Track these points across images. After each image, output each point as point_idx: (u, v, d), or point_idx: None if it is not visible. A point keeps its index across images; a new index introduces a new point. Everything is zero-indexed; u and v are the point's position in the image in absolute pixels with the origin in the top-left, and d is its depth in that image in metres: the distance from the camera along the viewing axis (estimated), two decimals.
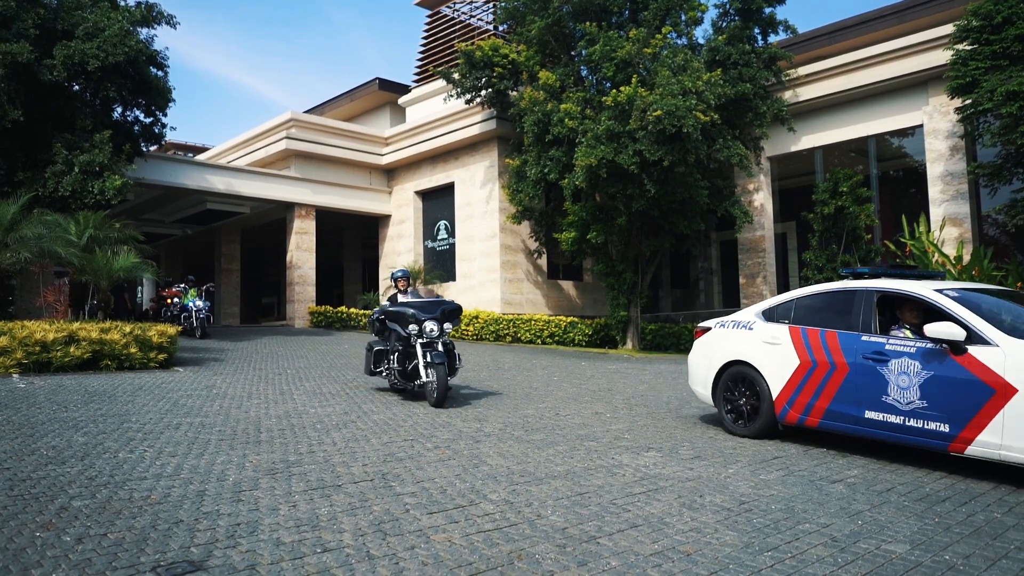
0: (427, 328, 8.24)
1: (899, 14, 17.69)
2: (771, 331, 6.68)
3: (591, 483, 5.00)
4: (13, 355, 9.61)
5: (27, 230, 12.12)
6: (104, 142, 14.54)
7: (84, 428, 6.35)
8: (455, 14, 24.13)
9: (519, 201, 18.06)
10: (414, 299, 9.02)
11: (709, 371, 7.20)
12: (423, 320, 8.29)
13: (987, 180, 13.87)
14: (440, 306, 8.62)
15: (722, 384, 7.03)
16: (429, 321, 8.28)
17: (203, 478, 4.85)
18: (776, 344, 6.54)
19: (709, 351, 7.32)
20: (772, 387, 6.50)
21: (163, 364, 11.11)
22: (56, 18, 14.88)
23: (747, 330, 6.94)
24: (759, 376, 6.64)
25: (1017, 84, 12.03)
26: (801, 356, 6.31)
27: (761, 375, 6.61)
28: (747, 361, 6.78)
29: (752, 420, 6.69)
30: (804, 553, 3.69)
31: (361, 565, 3.41)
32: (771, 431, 6.63)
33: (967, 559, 3.65)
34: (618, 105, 14.75)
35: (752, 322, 6.97)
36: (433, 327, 8.25)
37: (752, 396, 6.70)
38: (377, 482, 4.88)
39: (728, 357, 6.99)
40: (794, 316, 6.62)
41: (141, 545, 3.56)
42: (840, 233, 15.75)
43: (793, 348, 6.39)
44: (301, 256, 22.30)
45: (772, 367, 6.52)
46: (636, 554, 3.65)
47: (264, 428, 6.69)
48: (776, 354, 6.51)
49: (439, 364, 8.00)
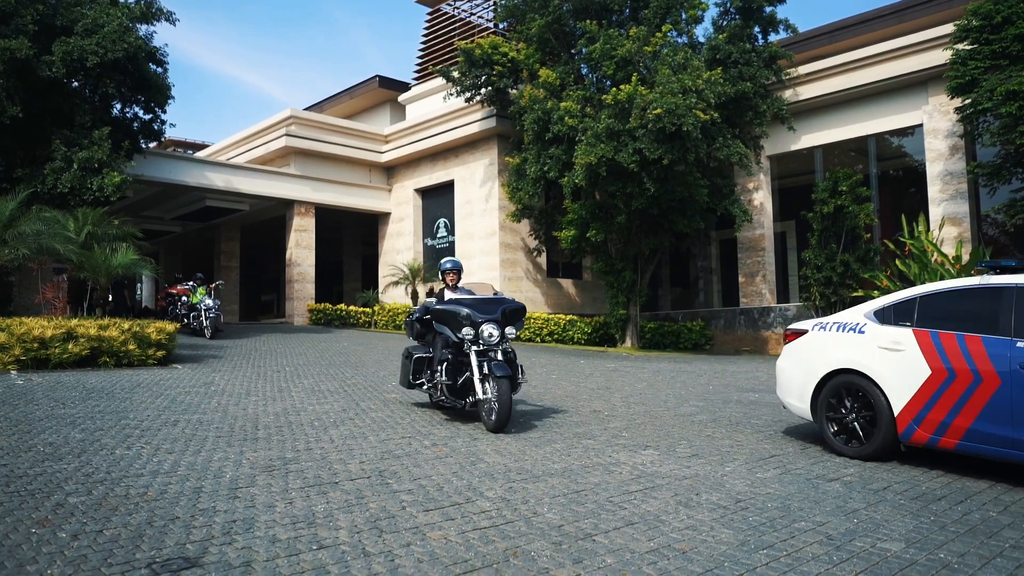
0: (485, 332, 6.79)
1: (899, 13, 17.68)
2: (890, 335, 5.74)
3: (588, 481, 5.00)
4: (11, 352, 9.61)
5: (26, 226, 12.11)
6: (103, 139, 14.54)
7: (81, 425, 6.36)
8: (455, 12, 24.10)
9: (519, 199, 18.05)
10: (466, 296, 7.45)
11: (807, 381, 6.24)
12: (480, 322, 6.82)
13: (986, 180, 13.88)
14: (500, 305, 7.14)
15: (825, 396, 6.07)
16: (487, 324, 6.82)
17: (200, 475, 4.85)
18: (898, 350, 5.62)
19: (806, 358, 6.37)
20: (893, 401, 5.56)
21: (162, 361, 11.11)
22: (55, 14, 14.87)
23: (856, 333, 6.02)
24: (875, 388, 5.70)
25: (1017, 84, 12.02)
26: (933, 365, 5.39)
27: (878, 386, 5.68)
28: (858, 370, 5.84)
29: (865, 439, 5.75)
30: (799, 551, 3.70)
31: (357, 562, 3.41)
32: (889, 452, 5.71)
33: (962, 557, 3.65)
34: (618, 103, 14.75)
35: (862, 324, 6.05)
36: (492, 331, 6.82)
37: (865, 411, 5.78)
38: (374, 479, 4.89)
39: (833, 365, 6.05)
40: (918, 317, 5.71)
41: (137, 542, 3.56)
42: (839, 232, 15.76)
43: (921, 355, 5.47)
44: (300, 254, 22.30)
45: (893, 377, 5.59)
46: (632, 552, 3.65)
47: (262, 425, 6.69)
48: (898, 362, 5.58)
49: (501, 378, 6.48)
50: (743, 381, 10.98)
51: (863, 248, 15.67)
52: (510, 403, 6.51)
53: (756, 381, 11.03)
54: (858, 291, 15.44)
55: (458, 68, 18.56)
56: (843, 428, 5.94)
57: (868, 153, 18.56)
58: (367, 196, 23.75)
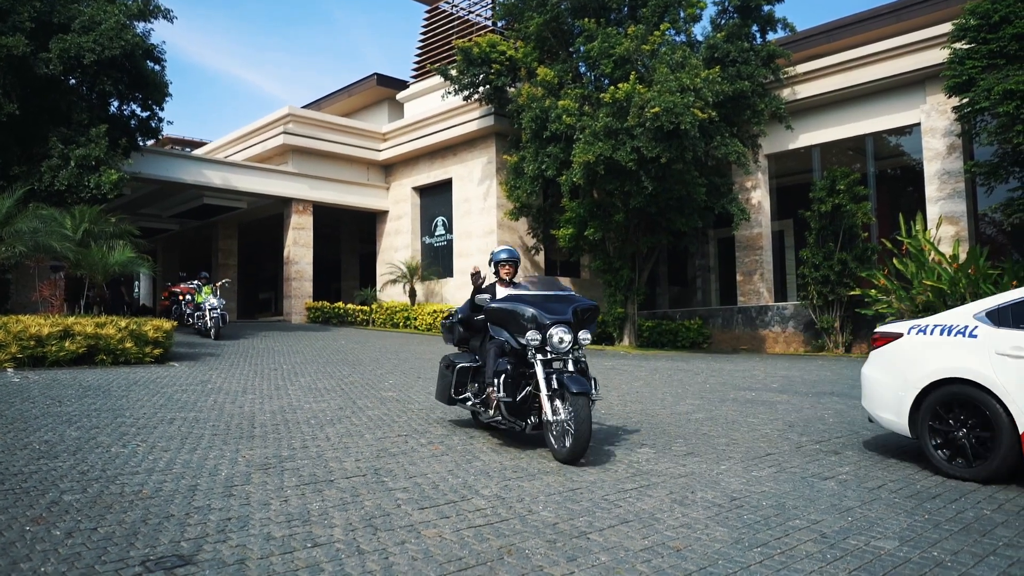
0: (554, 338, 5.57)
1: (897, 13, 17.70)
2: (1012, 339, 5.03)
3: (583, 479, 5.00)
4: (8, 349, 9.61)
5: (22, 224, 12.10)
6: (100, 136, 14.51)
7: (77, 423, 6.35)
8: (454, 10, 24.09)
9: (517, 197, 18.05)
10: (526, 292, 6.19)
11: (904, 392, 5.50)
12: (549, 325, 5.62)
13: (984, 179, 13.89)
14: (570, 304, 5.90)
15: (927, 409, 5.35)
16: (558, 327, 5.60)
17: (195, 473, 4.85)
18: (1022, 357, 4.95)
19: (902, 366, 5.63)
20: (1017, 415, 4.86)
21: (159, 359, 11.11)
22: (52, 11, 14.83)
23: (966, 338, 5.30)
24: (993, 400, 5.00)
25: (1014, 83, 12.03)
26: None
27: (997, 399, 4.98)
28: (972, 380, 5.13)
29: (980, 458, 5.07)
30: (793, 549, 3.70)
31: (351, 560, 3.41)
32: (1010, 473, 5.01)
33: (955, 555, 3.66)
34: (616, 102, 14.74)
35: (972, 327, 5.32)
36: (563, 336, 5.58)
37: (980, 427, 5.09)
38: (369, 477, 4.89)
39: (938, 374, 5.33)
40: None
41: (131, 539, 3.56)
42: (837, 231, 15.78)
43: None
44: (298, 251, 22.28)
45: (1017, 389, 4.89)
46: (626, 549, 3.66)
47: (258, 423, 6.69)
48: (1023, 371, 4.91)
49: (578, 394, 5.23)
50: (740, 380, 10.99)
51: (861, 247, 15.70)
52: (589, 426, 5.27)
53: (753, 380, 11.04)
54: (855, 290, 15.46)
55: (456, 66, 18.56)
56: (952, 446, 5.23)
57: (866, 152, 18.57)
58: (365, 194, 23.73)
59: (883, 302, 14.43)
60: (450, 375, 6.55)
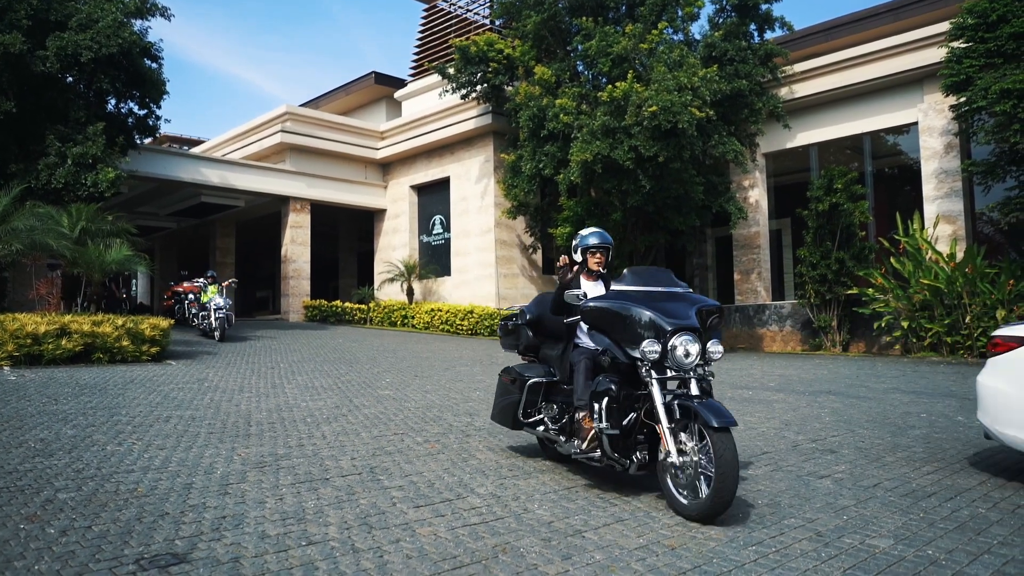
0: (679, 350, 4.24)
1: (894, 11, 17.70)
2: None
3: (579, 477, 5.00)
4: (4, 348, 9.60)
5: (19, 222, 12.08)
6: (97, 134, 14.49)
7: (73, 421, 6.34)
8: (452, 8, 24.07)
9: (514, 196, 18.04)
10: (631, 287, 4.67)
11: None
12: (670, 333, 4.26)
13: (981, 178, 13.90)
14: (693, 304, 4.48)
15: None
16: (683, 335, 4.26)
17: (191, 471, 4.84)
18: None
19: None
20: None
21: (155, 357, 11.10)
22: (49, 9, 14.79)
23: None
24: None
25: (1011, 82, 12.03)
26: None
27: None
28: None
29: None
30: (788, 547, 3.70)
31: (345, 558, 3.41)
32: None
33: (950, 554, 3.66)
34: (614, 100, 14.74)
35: None
36: (690, 348, 4.26)
37: None
38: (365, 475, 4.89)
39: None
40: None
41: (125, 537, 3.56)
42: (835, 230, 15.77)
43: None
44: (296, 250, 22.26)
45: None
46: (621, 548, 3.66)
47: (254, 421, 6.69)
48: None
49: (719, 430, 3.94)
50: (737, 378, 11.00)
51: (858, 246, 15.70)
52: (736, 473, 3.92)
53: (750, 378, 11.05)
54: (853, 289, 15.48)
55: (454, 65, 18.54)
56: None
57: (863, 151, 18.58)
58: (363, 193, 23.71)
59: (880, 301, 14.46)
60: (517, 392, 5.28)
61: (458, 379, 10.23)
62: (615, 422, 4.41)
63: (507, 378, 5.52)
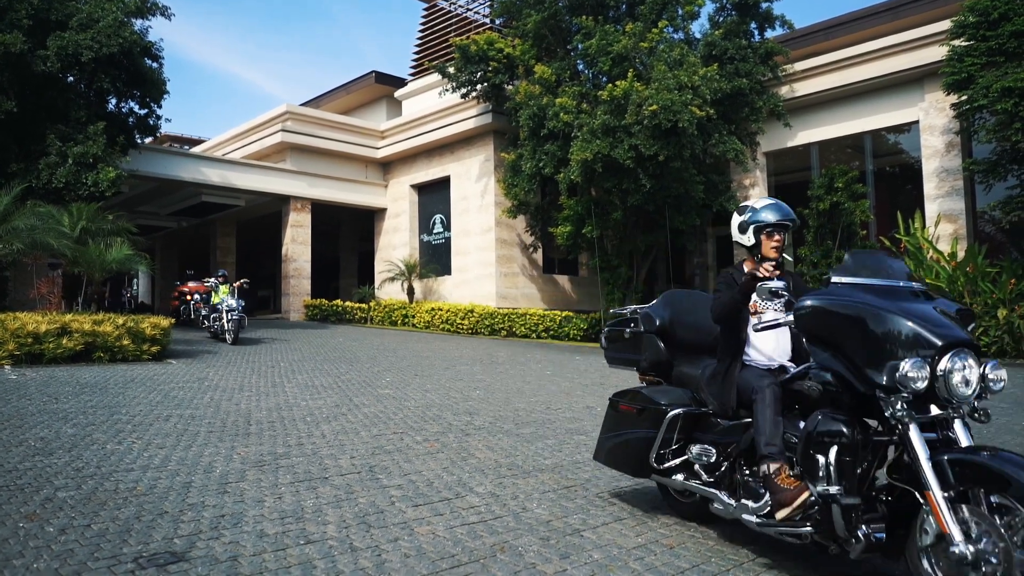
0: (955, 377, 2.84)
1: (895, 10, 17.68)
2: None
3: (578, 477, 5.01)
4: (5, 347, 9.60)
5: (20, 221, 12.10)
6: (98, 134, 14.51)
7: (73, 419, 6.35)
8: (452, 7, 24.08)
9: (514, 195, 18.04)
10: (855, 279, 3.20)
11: None
12: (939, 351, 2.85)
13: (982, 177, 13.88)
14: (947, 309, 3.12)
15: None
16: (960, 355, 2.86)
17: (190, 470, 4.85)
18: None
19: None
20: None
21: (156, 356, 11.10)
22: (50, 8, 14.81)
23: None
24: None
25: (1013, 80, 12.02)
26: None
27: None
28: None
29: None
30: (785, 547, 3.70)
31: (343, 557, 3.42)
32: None
33: None
34: (614, 99, 14.74)
35: None
36: (971, 372, 2.86)
37: None
38: (364, 474, 4.89)
39: None
40: None
41: (124, 536, 3.56)
42: (835, 229, 15.76)
43: None
44: (296, 249, 22.28)
45: None
46: (619, 547, 3.66)
47: (254, 420, 6.69)
48: None
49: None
50: None
51: (859, 245, 15.68)
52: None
53: None
54: None
55: (454, 64, 18.54)
56: None
57: (864, 150, 18.56)
58: (363, 192, 23.72)
59: None
60: (648, 427, 3.89)
61: (458, 378, 10.23)
62: (852, 484, 2.95)
63: (629, 406, 4.08)
